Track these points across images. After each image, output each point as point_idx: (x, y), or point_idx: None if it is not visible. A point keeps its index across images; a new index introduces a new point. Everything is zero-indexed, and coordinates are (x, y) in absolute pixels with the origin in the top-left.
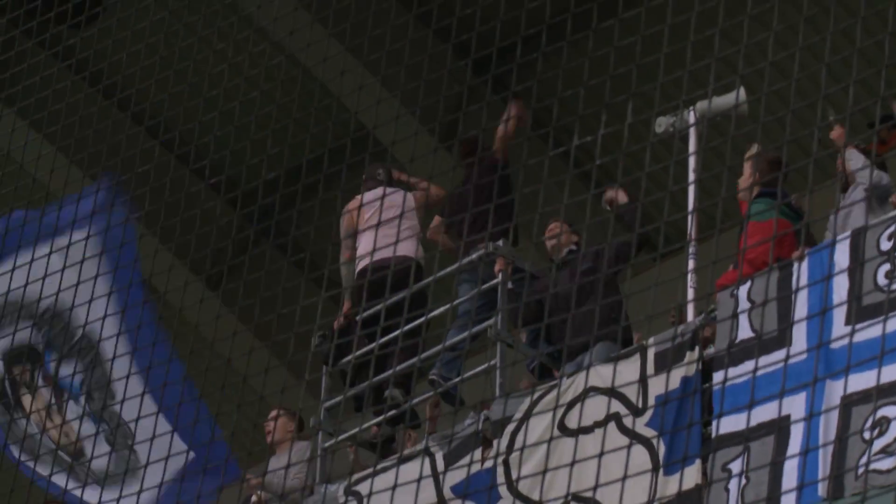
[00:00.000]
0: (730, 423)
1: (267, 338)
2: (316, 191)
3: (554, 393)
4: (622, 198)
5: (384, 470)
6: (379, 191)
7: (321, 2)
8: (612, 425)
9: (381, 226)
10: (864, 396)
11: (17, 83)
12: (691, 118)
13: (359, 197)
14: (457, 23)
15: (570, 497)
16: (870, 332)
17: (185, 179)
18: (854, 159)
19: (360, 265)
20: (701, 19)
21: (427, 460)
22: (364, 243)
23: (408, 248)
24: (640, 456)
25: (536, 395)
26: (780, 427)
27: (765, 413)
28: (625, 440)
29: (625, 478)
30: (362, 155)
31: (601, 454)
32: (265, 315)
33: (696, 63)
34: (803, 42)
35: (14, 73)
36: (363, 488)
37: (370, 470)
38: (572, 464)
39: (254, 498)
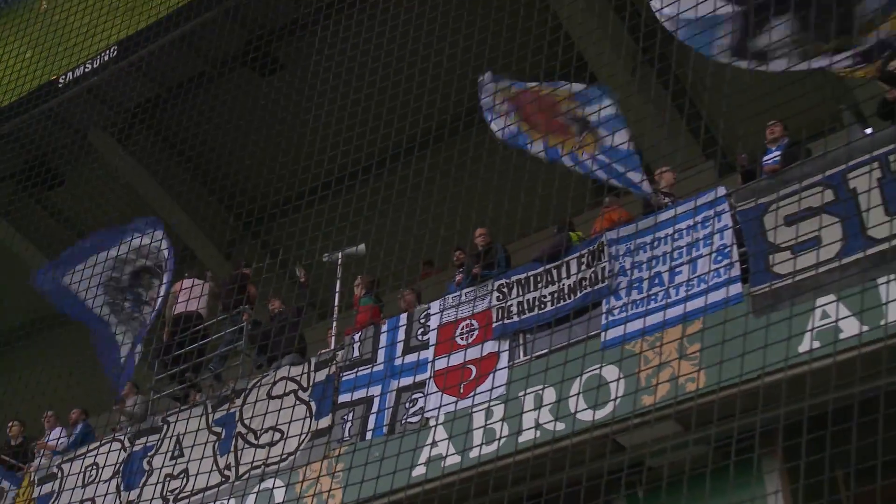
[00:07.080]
0: (345, 397)
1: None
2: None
3: (269, 377)
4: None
5: (181, 412)
6: (194, 280)
7: (166, 172)
8: (292, 395)
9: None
10: (406, 388)
11: None
12: (339, 257)
13: (181, 281)
14: (238, 193)
15: (274, 427)
16: (409, 358)
17: None
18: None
19: (176, 311)
20: (360, 202)
21: (203, 408)
22: (179, 304)
23: (197, 306)
24: (306, 411)
25: (259, 378)
26: (368, 401)
27: (364, 392)
28: (300, 403)
29: (302, 420)
30: (185, 252)
31: (293, 407)
32: None
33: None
34: (406, 210)
35: None
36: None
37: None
38: (279, 411)
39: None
